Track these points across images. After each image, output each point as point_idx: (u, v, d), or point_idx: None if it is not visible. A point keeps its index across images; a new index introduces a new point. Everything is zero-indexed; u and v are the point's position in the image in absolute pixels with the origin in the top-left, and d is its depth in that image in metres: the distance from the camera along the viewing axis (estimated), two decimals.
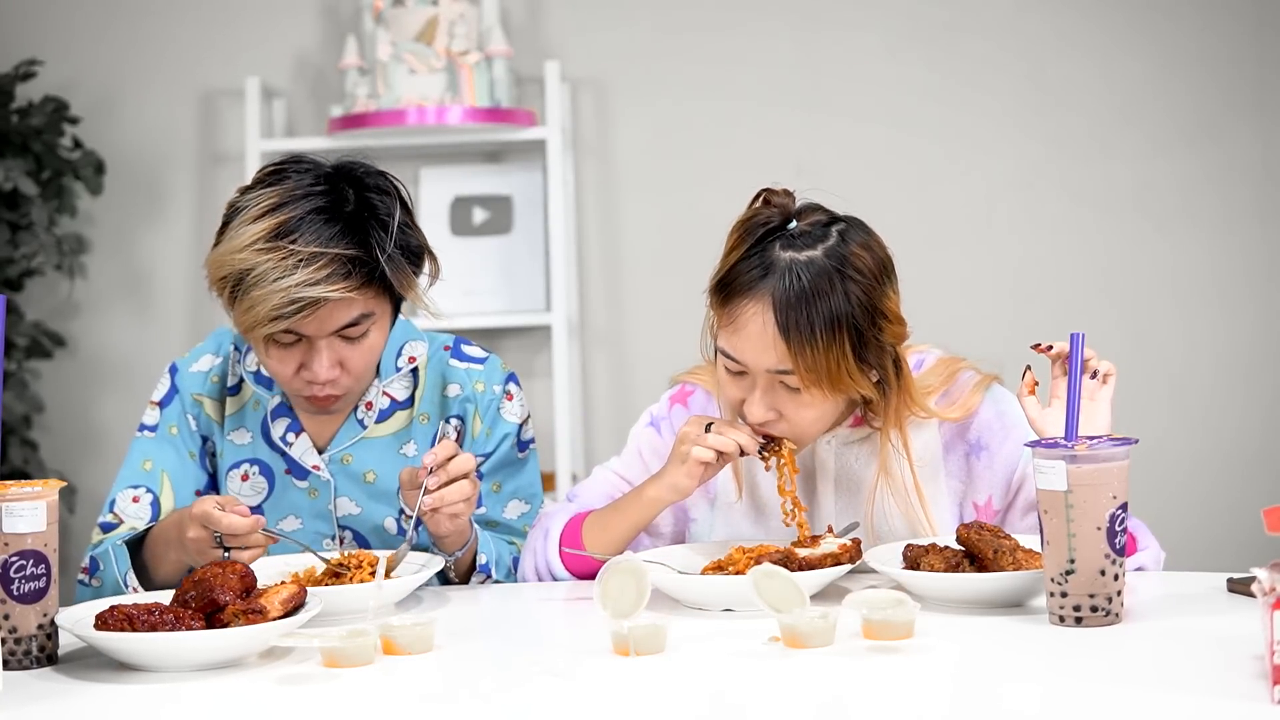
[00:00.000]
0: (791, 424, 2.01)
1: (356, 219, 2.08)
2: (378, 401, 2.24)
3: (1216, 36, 3.87)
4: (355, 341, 2.11)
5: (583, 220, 3.99)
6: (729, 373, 2.03)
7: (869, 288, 1.97)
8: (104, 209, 4.00)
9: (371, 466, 2.24)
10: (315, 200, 2.07)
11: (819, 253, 1.95)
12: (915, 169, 3.92)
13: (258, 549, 1.96)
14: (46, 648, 1.76)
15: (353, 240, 2.06)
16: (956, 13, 3.92)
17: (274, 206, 2.06)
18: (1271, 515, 1.45)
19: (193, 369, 2.28)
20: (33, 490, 1.74)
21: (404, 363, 2.26)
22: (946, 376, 2.12)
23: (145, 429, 2.27)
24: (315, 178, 2.10)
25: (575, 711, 1.53)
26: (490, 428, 2.26)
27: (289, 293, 2.02)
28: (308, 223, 2.04)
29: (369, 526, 2.24)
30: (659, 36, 3.97)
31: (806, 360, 1.94)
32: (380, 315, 2.13)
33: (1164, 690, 1.48)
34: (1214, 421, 3.89)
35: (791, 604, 1.70)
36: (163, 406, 2.27)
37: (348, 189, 2.10)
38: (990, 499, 2.11)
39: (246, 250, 2.04)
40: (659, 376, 2.38)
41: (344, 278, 2.04)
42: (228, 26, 4.03)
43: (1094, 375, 2.00)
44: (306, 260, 2.02)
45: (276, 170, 2.13)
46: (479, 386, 2.27)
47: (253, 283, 2.03)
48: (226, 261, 2.06)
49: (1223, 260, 3.89)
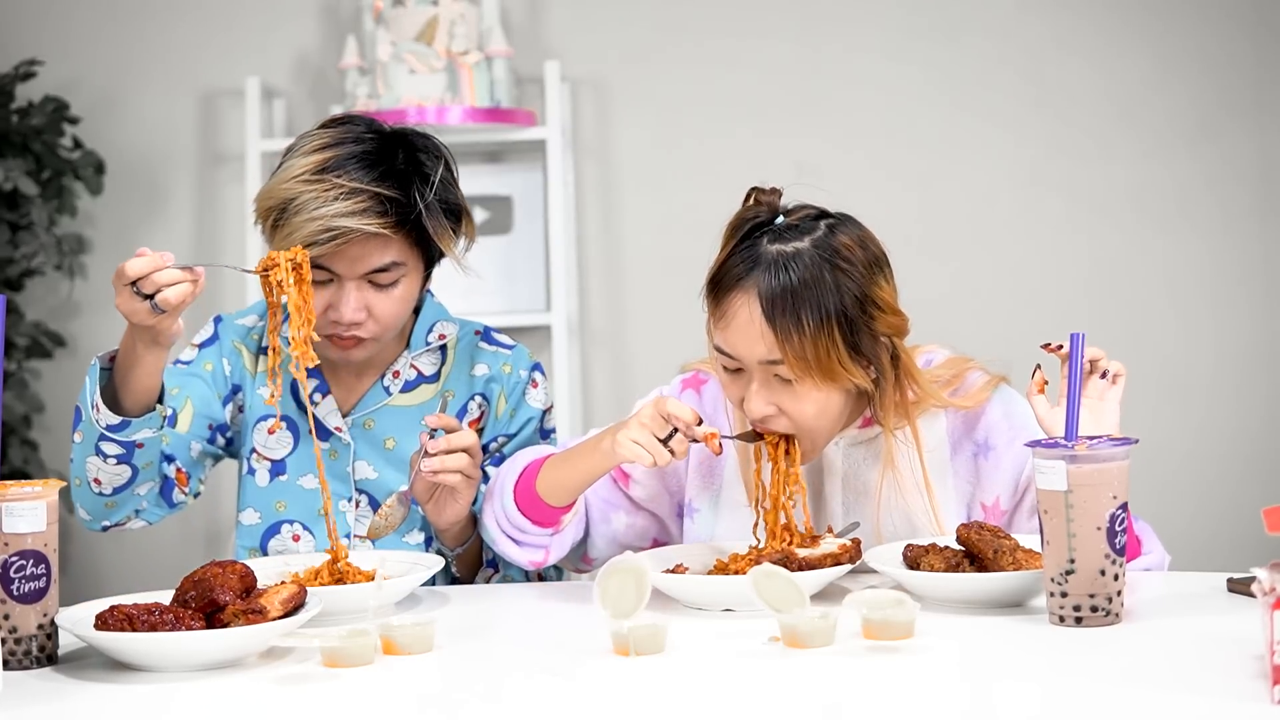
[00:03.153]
0: (792, 418, 2.01)
1: (401, 170, 2.14)
2: (405, 372, 2.27)
3: (1215, 38, 3.87)
4: (384, 289, 2.15)
5: (583, 220, 3.99)
6: (727, 372, 2.03)
7: (858, 277, 1.97)
8: (104, 209, 4.00)
9: (392, 433, 2.26)
10: (365, 145, 2.14)
11: (806, 244, 1.97)
12: (915, 169, 3.92)
13: (178, 284, 1.90)
14: (46, 648, 1.76)
15: (394, 183, 2.12)
16: (956, 14, 3.92)
17: (324, 145, 2.14)
18: (1271, 515, 1.45)
19: (238, 322, 2.32)
20: (33, 490, 1.74)
21: (434, 339, 2.29)
22: (954, 375, 2.12)
23: (180, 363, 2.29)
24: (369, 129, 2.18)
25: (575, 711, 1.53)
26: (514, 409, 2.29)
27: (326, 220, 2.07)
28: (354, 161, 2.12)
29: (384, 492, 2.25)
30: (659, 36, 3.97)
31: (794, 349, 1.95)
32: (412, 268, 2.17)
33: (1164, 690, 1.48)
34: (1213, 421, 3.89)
35: (791, 604, 1.70)
36: (202, 348, 2.30)
37: (398, 147, 2.17)
38: (998, 500, 2.11)
39: (292, 181, 2.11)
40: (659, 376, 2.38)
41: (380, 215, 2.10)
42: (228, 26, 4.03)
43: (1104, 375, 2.00)
44: (347, 194, 2.09)
45: (335, 119, 2.21)
46: (506, 369, 2.30)
47: (293, 211, 2.09)
48: (273, 192, 2.13)
49: (1221, 260, 3.89)
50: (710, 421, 2.17)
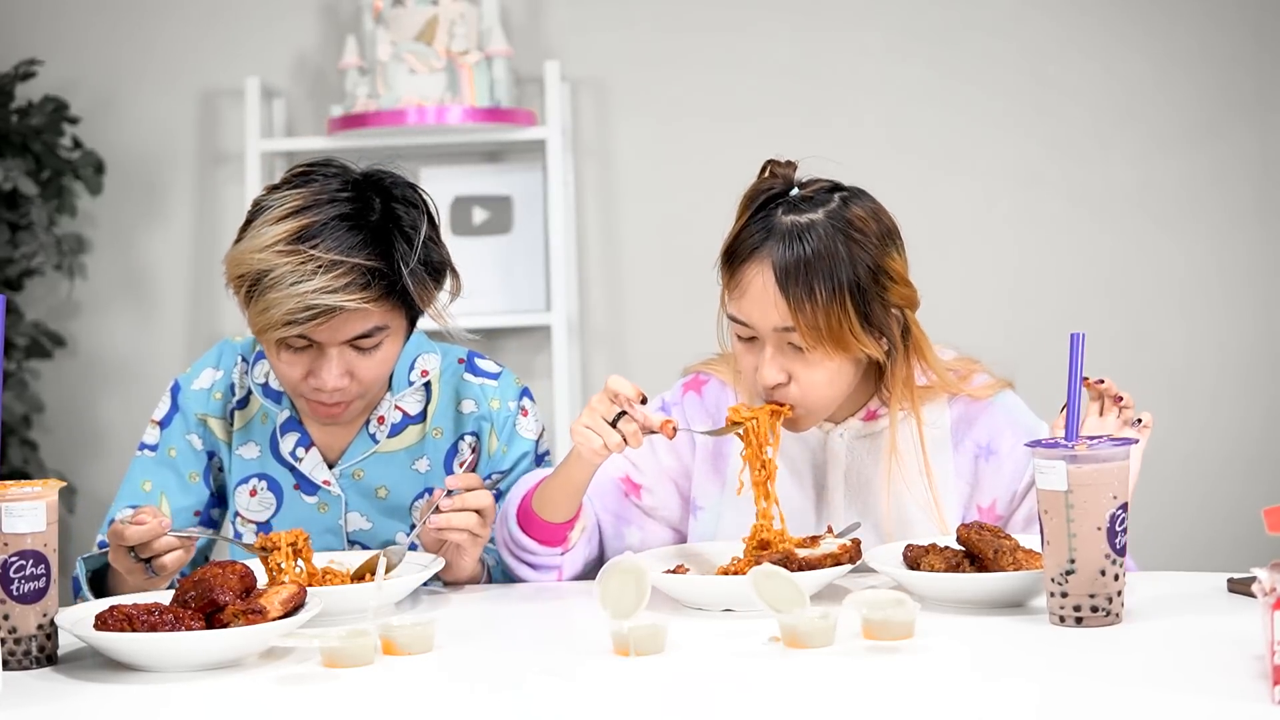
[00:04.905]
0: (802, 387, 2.02)
1: (381, 229, 2.04)
2: (390, 415, 2.21)
3: (1217, 35, 3.87)
4: (367, 352, 2.07)
5: (583, 220, 3.99)
6: (741, 340, 2.05)
7: (871, 249, 2.01)
8: (104, 209, 4.00)
9: (383, 482, 2.22)
10: (340, 206, 2.03)
11: (820, 215, 2.01)
12: (916, 168, 3.92)
13: (175, 551, 1.94)
14: (46, 648, 1.76)
15: (375, 251, 2.02)
16: (957, 12, 3.92)
17: (298, 209, 2.02)
18: (1272, 515, 1.45)
19: (195, 386, 2.24)
20: (33, 490, 1.74)
21: (416, 376, 2.22)
22: (962, 375, 2.13)
23: (146, 448, 2.24)
24: (343, 183, 2.06)
25: (575, 711, 1.53)
26: (507, 445, 2.23)
27: (305, 298, 1.98)
28: (331, 229, 2.01)
29: (379, 542, 2.21)
30: (659, 37, 3.97)
31: (807, 317, 1.97)
32: (395, 328, 2.09)
33: (1164, 690, 1.48)
34: (1214, 421, 3.88)
35: (791, 604, 1.70)
36: (163, 426, 2.24)
37: (375, 198, 2.06)
38: (994, 503, 2.12)
39: (267, 251, 2.00)
40: (659, 376, 2.38)
41: (362, 288, 2.00)
42: (228, 26, 4.03)
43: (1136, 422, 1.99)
44: (326, 267, 1.99)
45: (304, 172, 2.09)
46: (494, 404, 2.23)
47: (270, 284, 1.99)
48: (245, 260, 2.02)
49: (1224, 259, 3.88)
50: (712, 420, 2.18)
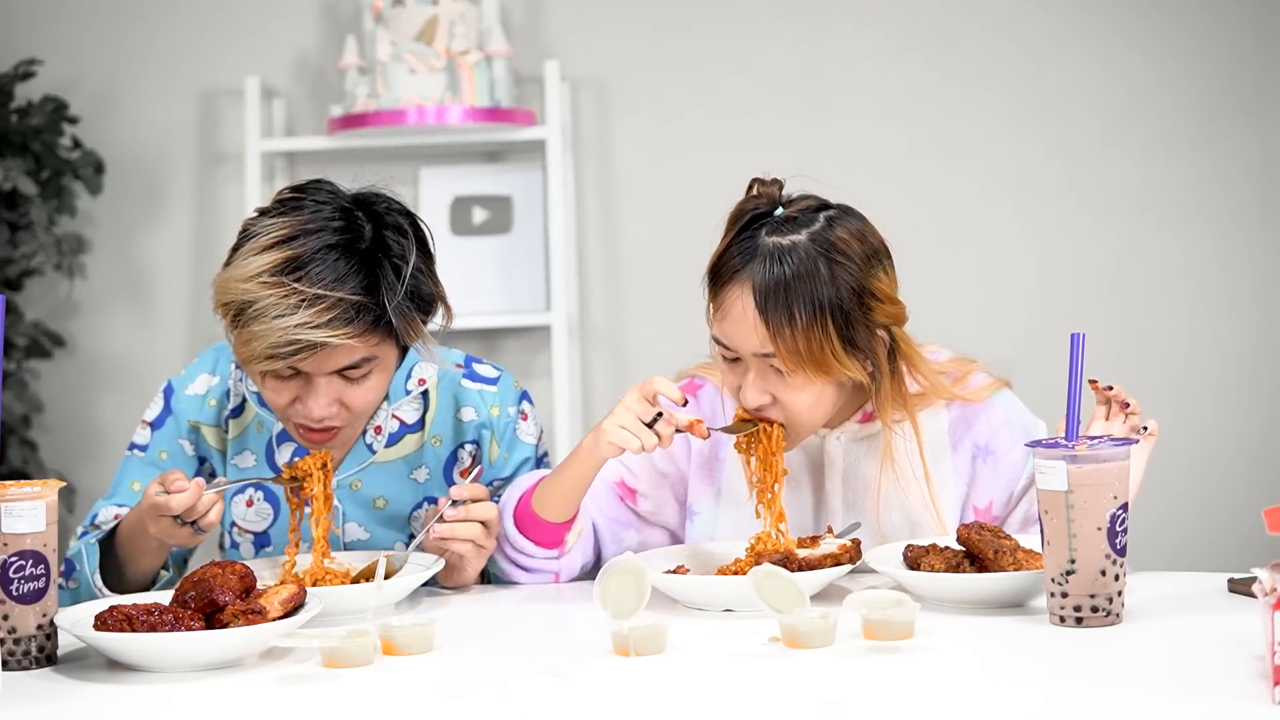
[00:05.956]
0: (785, 408, 2.02)
1: (369, 259, 2.00)
2: (387, 425, 2.19)
3: (1218, 35, 3.87)
4: (356, 382, 2.04)
5: (583, 220, 3.99)
6: (725, 360, 2.05)
7: (854, 270, 1.98)
8: (104, 209, 3.99)
9: (381, 492, 2.20)
10: (328, 236, 1.99)
11: (803, 237, 1.98)
12: (916, 168, 3.92)
13: (216, 506, 1.97)
14: (46, 648, 1.76)
15: (360, 285, 1.98)
16: (958, 12, 3.92)
17: (285, 238, 1.98)
18: (1272, 515, 1.45)
19: (189, 391, 2.22)
20: (32, 490, 1.74)
21: (414, 385, 2.20)
22: (959, 376, 2.12)
23: (136, 448, 2.23)
24: (333, 210, 2.02)
25: (575, 711, 1.53)
26: (508, 451, 2.22)
27: (288, 333, 1.94)
28: (317, 261, 1.96)
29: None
30: (659, 36, 3.97)
31: (787, 342, 1.96)
32: (385, 358, 2.06)
33: (1164, 690, 1.47)
34: (1215, 421, 3.88)
35: (791, 604, 1.70)
36: (154, 428, 2.22)
37: (365, 225, 2.02)
38: (991, 504, 2.12)
39: (252, 281, 1.96)
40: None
41: (346, 322, 1.96)
42: (228, 26, 4.02)
43: (1142, 429, 1.98)
44: (310, 301, 1.94)
45: (295, 197, 2.05)
46: (494, 411, 2.21)
47: (253, 316, 1.95)
48: (231, 289, 1.98)
49: (1224, 259, 3.88)
50: (709, 425, 2.17)
